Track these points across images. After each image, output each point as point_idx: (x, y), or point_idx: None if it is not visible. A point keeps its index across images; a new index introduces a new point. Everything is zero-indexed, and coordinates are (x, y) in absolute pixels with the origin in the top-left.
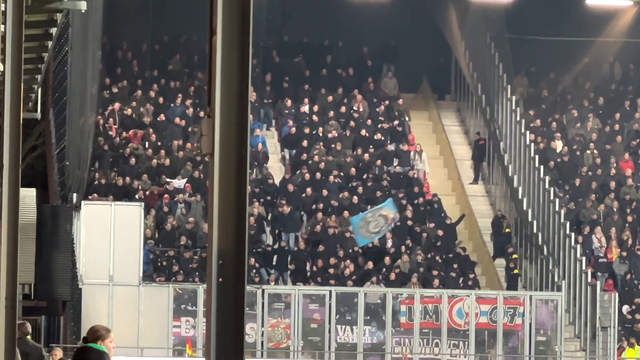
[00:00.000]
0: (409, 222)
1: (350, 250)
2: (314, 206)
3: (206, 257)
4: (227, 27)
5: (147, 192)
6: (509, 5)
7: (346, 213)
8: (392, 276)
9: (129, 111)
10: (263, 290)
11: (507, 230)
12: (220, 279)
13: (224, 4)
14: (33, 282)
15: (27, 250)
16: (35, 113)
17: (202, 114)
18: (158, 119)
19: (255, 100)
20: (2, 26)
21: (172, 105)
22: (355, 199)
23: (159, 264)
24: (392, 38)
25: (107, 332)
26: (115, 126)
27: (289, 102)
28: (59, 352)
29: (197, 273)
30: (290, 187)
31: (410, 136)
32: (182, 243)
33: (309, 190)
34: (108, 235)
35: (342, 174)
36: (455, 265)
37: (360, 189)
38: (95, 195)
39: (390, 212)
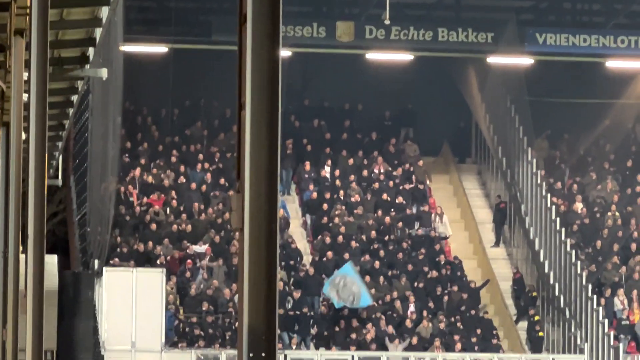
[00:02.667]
0: (431, 285)
1: (373, 316)
2: (335, 270)
3: (229, 324)
4: (256, 102)
5: (169, 258)
6: (529, 68)
7: (368, 277)
8: (414, 340)
9: (149, 178)
10: (285, 356)
11: (534, 294)
12: (251, 354)
13: (252, 79)
14: (55, 348)
15: (49, 317)
16: (56, 180)
17: (222, 180)
18: (178, 182)
19: None
20: (25, 95)
21: (192, 170)
22: (377, 263)
23: (182, 330)
24: (412, 101)
25: None
26: (136, 191)
27: (308, 167)
28: None
29: (219, 339)
30: (312, 253)
31: (431, 199)
32: (204, 309)
33: (330, 254)
34: (130, 302)
35: (363, 237)
36: (477, 330)
37: (381, 252)
38: (116, 260)
39: (354, 280)
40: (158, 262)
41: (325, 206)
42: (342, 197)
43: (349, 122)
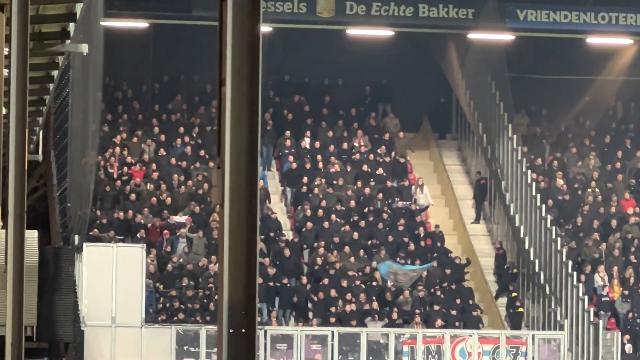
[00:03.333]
0: (411, 258)
1: (353, 285)
2: (315, 243)
3: (209, 297)
4: (236, 79)
5: (149, 225)
6: (510, 45)
7: (347, 248)
8: (394, 315)
9: (130, 152)
10: (265, 331)
11: (515, 271)
12: (231, 330)
13: (232, 56)
14: (35, 324)
15: (29, 292)
16: (36, 155)
17: (202, 152)
18: (159, 154)
19: None
20: (6, 70)
21: (172, 144)
22: (356, 234)
23: (162, 305)
24: (393, 77)
25: None
26: (117, 165)
27: (288, 142)
28: None
29: (199, 313)
30: (292, 225)
31: (411, 175)
32: (184, 284)
33: (309, 225)
34: (110, 277)
35: (343, 208)
36: (457, 303)
37: (362, 223)
38: (96, 231)
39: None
40: (138, 235)
41: (305, 178)
42: (321, 169)
43: (329, 97)
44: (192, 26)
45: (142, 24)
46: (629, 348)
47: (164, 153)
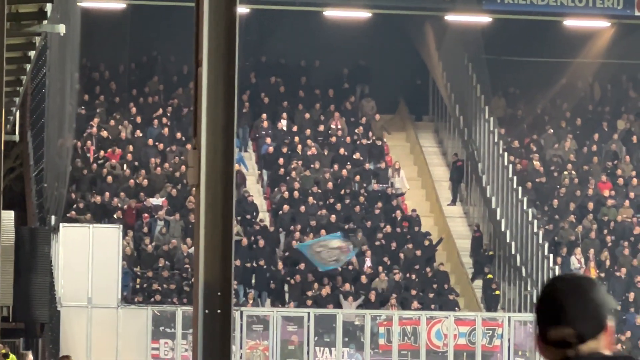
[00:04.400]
0: (387, 240)
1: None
2: (291, 226)
3: (185, 279)
4: (213, 59)
5: (125, 207)
6: (487, 26)
7: (323, 231)
8: (372, 297)
9: (106, 133)
10: (241, 312)
11: (491, 253)
12: (207, 311)
13: (209, 36)
14: (11, 304)
15: (5, 272)
16: (13, 135)
17: (179, 135)
18: (135, 136)
19: None
20: None
21: (149, 126)
22: (333, 217)
23: (138, 285)
24: (369, 59)
25: None
26: (93, 147)
27: (265, 123)
28: None
29: (175, 294)
30: (269, 207)
31: (388, 157)
32: (160, 265)
33: (286, 207)
34: (86, 258)
35: (319, 191)
36: (434, 286)
37: (338, 206)
38: (73, 213)
39: (342, 243)
40: (115, 216)
41: (281, 160)
42: (299, 151)
43: (305, 78)
44: (170, 7)
45: (119, 5)
46: None
47: (140, 135)
